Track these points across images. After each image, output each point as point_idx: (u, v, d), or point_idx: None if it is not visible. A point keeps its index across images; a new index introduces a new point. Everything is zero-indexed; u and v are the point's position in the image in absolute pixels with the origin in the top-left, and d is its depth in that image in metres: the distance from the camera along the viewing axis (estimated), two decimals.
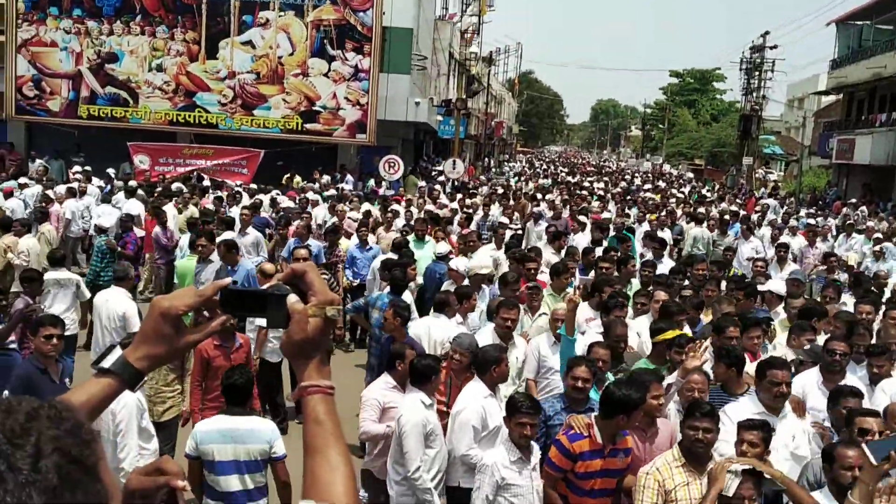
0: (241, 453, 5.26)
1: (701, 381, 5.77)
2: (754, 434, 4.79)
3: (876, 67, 35.49)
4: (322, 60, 25.40)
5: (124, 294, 8.48)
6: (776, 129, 64.30)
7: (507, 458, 5.16)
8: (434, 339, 7.74)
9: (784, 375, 5.55)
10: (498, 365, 5.96)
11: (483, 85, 51.06)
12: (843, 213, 25.98)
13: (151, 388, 6.92)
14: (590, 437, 5.15)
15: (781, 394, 5.52)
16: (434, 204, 18.64)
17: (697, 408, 4.97)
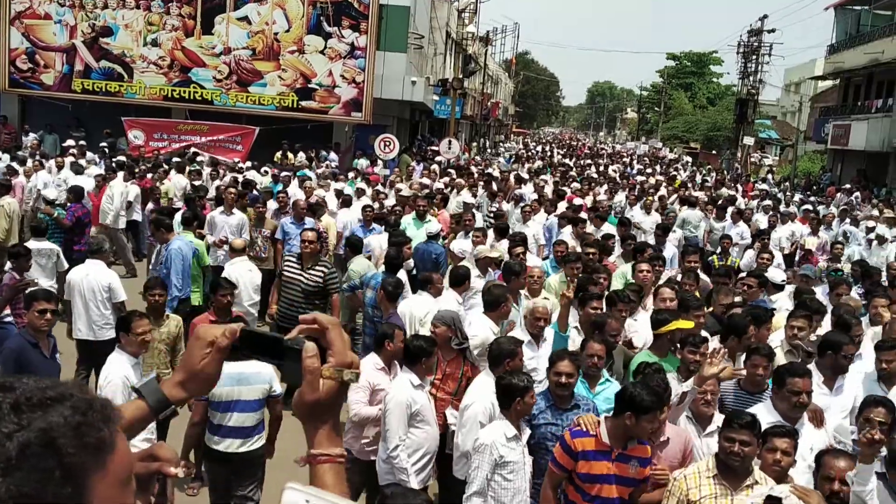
0: (245, 393, 5.92)
1: (712, 388, 5.44)
2: (787, 442, 4.48)
3: (873, 53, 35.45)
4: (318, 37, 25.25)
5: (103, 266, 8.50)
6: (772, 114, 64.33)
7: (504, 436, 5.12)
8: (415, 317, 7.76)
9: (805, 384, 5.21)
10: (512, 359, 5.74)
11: (480, 65, 50.84)
12: (838, 199, 26.07)
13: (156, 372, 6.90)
14: (596, 437, 4.79)
15: (801, 403, 5.18)
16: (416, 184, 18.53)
17: (736, 417, 4.55)
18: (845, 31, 41.32)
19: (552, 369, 5.41)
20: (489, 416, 5.56)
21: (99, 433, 1.10)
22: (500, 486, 5.07)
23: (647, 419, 4.69)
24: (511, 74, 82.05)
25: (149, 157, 20.15)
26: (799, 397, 5.15)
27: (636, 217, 15.45)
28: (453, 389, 6.45)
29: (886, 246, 14.14)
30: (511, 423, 5.14)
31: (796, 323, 7.00)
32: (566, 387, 5.37)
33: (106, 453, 1.11)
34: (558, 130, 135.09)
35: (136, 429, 1.59)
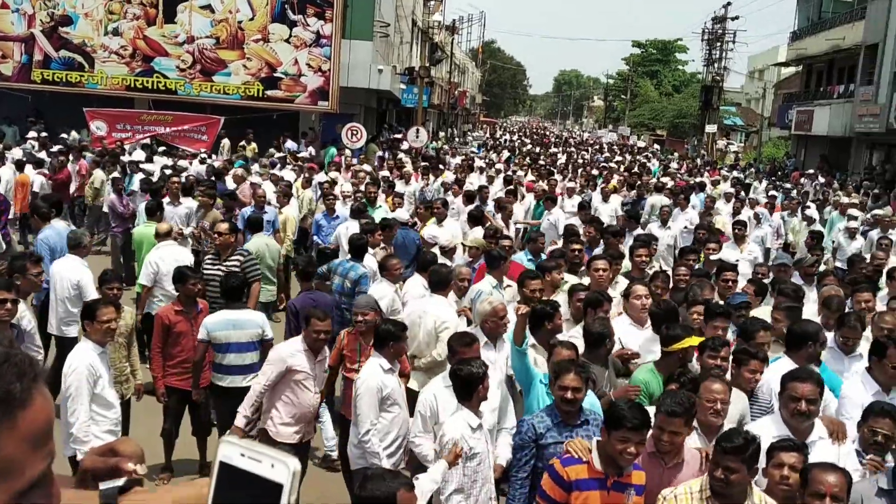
0: (241, 336, 6.82)
1: (722, 392, 4.82)
2: (795, 457, 4.05)
3: (835, 39, 35.90)
4: (283, 26, 25.02)
5: (79, 262, 8.33)
6: (737, 101, 65.02)
7: (468, 427, 5.02)
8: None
9: (806, 390, 4.67)
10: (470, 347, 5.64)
11: (446, 53, 50.76)
12: (801, 184, 26.39)
13: (115, 367, 6.77)
14: (588, 463, 4.31)
15: (799, 412, 4.66)
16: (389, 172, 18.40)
17: (726, 439, 4.04)
18: (807, 17, 41.79)
19: (557, 383, 4.90)
20: (431, 410, 5.43)
21: (9, 385, 1.08)
22: (469, 478, 4.99)
23: (618, 436, 4.18)
24: (478, 63, 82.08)
25: (111, 147, 19.83)
26: (798, 404, 4.65)
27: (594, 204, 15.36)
28: None
29: (858, 237, 13.77)
30: (473, 413, 5.06)
31: (777, 315, 6.75)
32: (573, 402, 4.87)
33: (15, 407, 1.09)
34: (526, 119, 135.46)
35: None
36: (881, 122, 30.03)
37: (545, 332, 6.22)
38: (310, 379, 6.19)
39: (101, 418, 5.86)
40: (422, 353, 7.01)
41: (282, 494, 1.21)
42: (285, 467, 1.22)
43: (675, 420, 4.36)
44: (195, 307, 7.22)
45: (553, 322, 6.28)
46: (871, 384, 5.46)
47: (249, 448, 1.24)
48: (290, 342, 6.41)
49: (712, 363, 5.42)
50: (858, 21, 33.86)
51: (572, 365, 4.99)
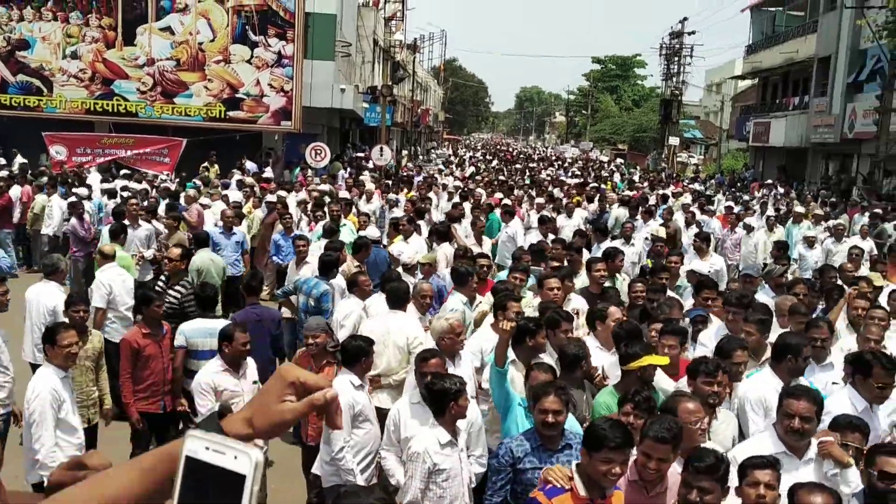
0: (216, 344, 6.67)
1: (700, 411, 4.62)
2: (769, 474, 3.90)
3: (788, 52, 36.70)
4: (244, 47, 24.99)
5: (55, 287, 8.24)
6: (695, 114, 65.93)
7: (437, 443, 4.92)
8: (336, 319, 7.89)
9: (801, 407, 4.50)
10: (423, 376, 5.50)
11: (408, 72, 50.96)
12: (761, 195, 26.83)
13: (82, 391, 6.70)
14: (572, 490, 4.07)
15: (793, 429, 4.50)
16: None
17: (697, 459, 3.92)
18: (761, 31, 42.68)
19: (536, 406, 4.70)
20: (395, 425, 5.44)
21: None
22: (435, 493, 4.92)
23: (601, 458, 3.97)
24: (440, 81, 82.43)
25: (71, 171, 19.59)
26: (791, 421, 4.50)
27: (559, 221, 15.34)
28: None
29: (816, 247, 13.84)
30: (445, 430, 4.97)
31: (747, 328, 6.64)
32: (554, 426, 4.66)
33: None
34: (489, 136, 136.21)
35: None
36: (835, 132, 30.71)
37: (526, 348, 6.04)
38: (237, 396, 6.21)
39: (64, 443, 5.79)
40: (391, 371, 6.93)
41: (245, 485, 1.24)
42: (248, 458, 1.24)
43: (664, 447, 4.11)
44: (161, 329, 7.18)
45: (535, 339, 6.06)
46: (858, 400, 5.33)
47: (214, 441, 1.27)
48: (207, 366, 6.44)
49: (709, 389, 5.07)
50: (811, 34, 34.67)
51: (552, 387, 4.77)
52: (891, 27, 20.51)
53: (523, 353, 6.01)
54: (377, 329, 7.09)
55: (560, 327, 6.40)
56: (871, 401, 5.31)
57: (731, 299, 7.38)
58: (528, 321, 6.21)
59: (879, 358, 5.45)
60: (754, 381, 5.68)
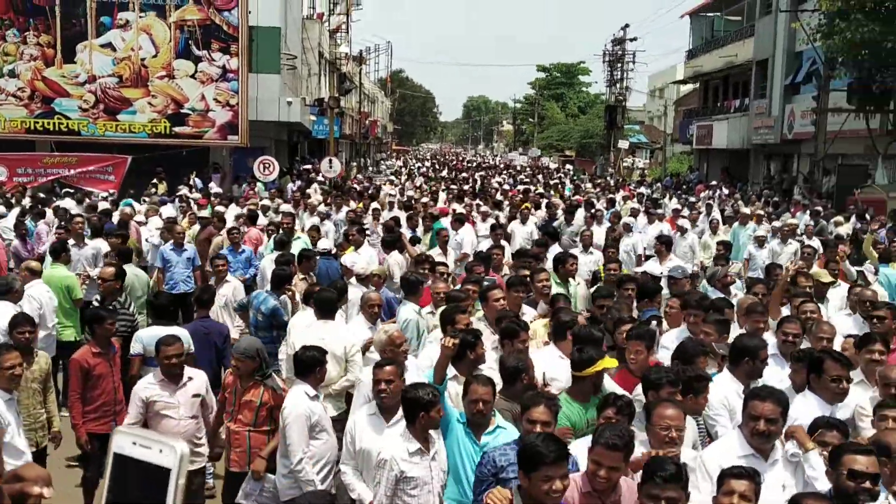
0: None
1: (677, 418, 4.48)
2: (745, 484, 3.79)
3: (728, 56, 37.54)
4: (188, 62, 24.72)
5: (11, 308, 8.02)
6: (640, 119, 66.99)
7: (405, 451, 4.87)
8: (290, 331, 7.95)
9: (766, 409, 4.41)
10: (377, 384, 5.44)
11: (355, 84, 50.90)
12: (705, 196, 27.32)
13: (30, 414, 6.55)
14: None
15: (759, 432, 4.42)
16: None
17: (659, 468, 3.79)
18: (701, 36, 43.59)
19: (525, 416, 4.58)
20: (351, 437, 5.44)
21: None
22: (403, 502, 4.88)
23: (539, 476, 3.75)
24: (387, 92, 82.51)
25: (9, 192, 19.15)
26: (757, 424, 4.41)
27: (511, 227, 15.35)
28: (250, 420, 6.19)
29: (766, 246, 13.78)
30: (415, 438, 4.90)
31: (705, 328, 6.59)
32: None
33: None
34: (437, 146, 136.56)
35: None
36: (776, 133, 31.47)
37: (468, 362, 5.84)
38: (170, 408, 6.19)
39: (10, 468, 5.65)
40: (331, 381, 6.83)
41: (170, 478, 1.25)
42: (173, 451, 1.26)
43: (615, 454, 3.99)
44: (112, 348, 7.08)
45: (475, 351, 5.88)
46: (821, 402, 5.18)
47: (140, 436, 1.28)
48: (145, 377, 6.49)
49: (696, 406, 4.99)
50: (748, 38, 35.51)
51: (541, 398, 4.63)
52: (824, 30, 21.08)
53: (464, 367, 5.83)
54: (312, 340, 7.00)
55: (518, 337, 6.16)
56: (829, 400, 5.13)
57: (692, 301, 7.29)
58: (468, 333, 6.00)
59: (830, 352, 5.39)
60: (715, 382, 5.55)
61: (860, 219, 17.46)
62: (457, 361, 5.78)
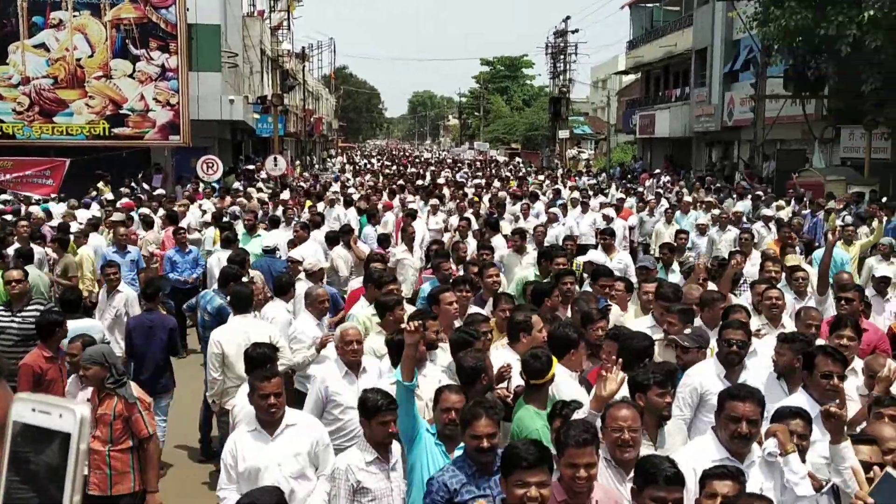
0: None
1: (631, 419, 4.18)
2: (729, 485, 3.60)
3: (668, 46, 38.09)
4: (125, 61, 24.23)
5: None
6: (584, 111, 67.62)
7: (362, 460, 4.68)
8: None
9: (747, 410, 4.16)
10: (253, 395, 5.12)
11: (298, 81, 50.46)
12: (650, 185, 27.72)
13: None
14: None
15: (740, 434, 4.15)
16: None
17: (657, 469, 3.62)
18: (641, 27, 44.15)
19: (468, 431, 4.26)
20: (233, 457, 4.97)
21: None
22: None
23: (515, 480, 3.58)
24: (331, 89, 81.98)
25: None
26: (738, 426, 4.14)
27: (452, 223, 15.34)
28: (107, 436, 5.61)
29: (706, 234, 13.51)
30: (371, 447, 4.71)
31: (669, 318, 6.43)
32: (489, 450, 4.20)
33: None
34: (384, 142, 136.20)
35: None
36: (716, 121, 32.05)
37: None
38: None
39: None
40: None
41: (71, 443, 1.23)
42: (72, 415, 1.24)
43: (588, 449, 3.79)
44: (61, 352, 6.96)
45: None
46: (812, 404, 4.80)
47: (39, 402, 1.26)
48: (72, 378, 6.46)
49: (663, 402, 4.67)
50: (687, 28, 36.08)
51: (481, 408, 4.28)
52: (759, 18, 21.50)
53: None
54: (236, 336, 7.02)
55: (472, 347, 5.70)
56: (820, 397, 4.80)
57: (668, 294, 7.07)
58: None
59: (823, 348, 5.14)
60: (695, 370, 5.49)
61: (798, 202, 17.89)
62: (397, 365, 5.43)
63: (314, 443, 5.02)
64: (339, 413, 5.85)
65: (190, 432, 8.54)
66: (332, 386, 5.88)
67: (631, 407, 4.26)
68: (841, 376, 4.93)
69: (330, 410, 5.86)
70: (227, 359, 7.04)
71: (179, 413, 8.56)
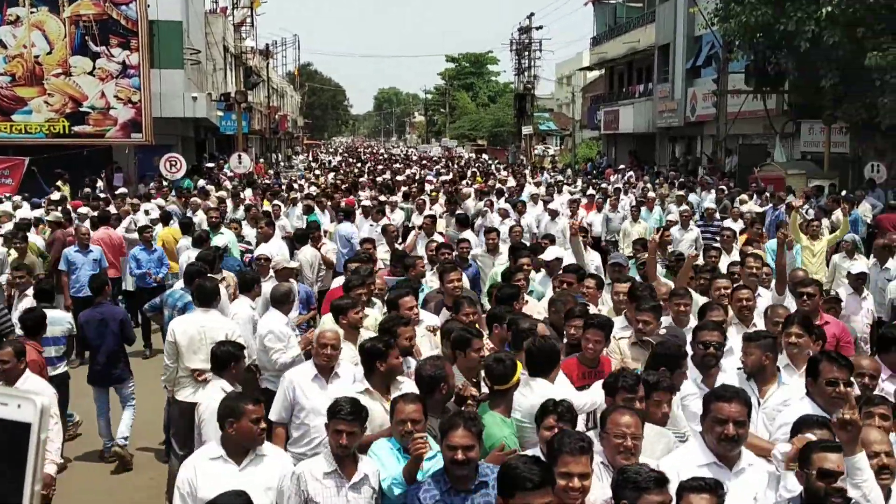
0: (55, 331, 7.95)
1: (634, 426, 4.07)
2: (706, 499, 3.44)
3: (631, 42, 38.35)
4: (85, 58, 23.83)
5: None
6: (549, 107, 67.92)
7: (320, 471, 4.33)
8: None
9: (733, 411, 4.03)
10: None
11: (262, 78, 50.08)
12: (613, 179, 27.92)
13: None
14: None
15: (727, 437, 4.02)
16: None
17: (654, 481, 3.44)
18: (605, 23, 44.42)
19: (444, 441, 4.08)
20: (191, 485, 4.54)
21: None
22: None
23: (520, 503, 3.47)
24: (296, 86, 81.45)
25: None
26: (724, 428, 4.02)
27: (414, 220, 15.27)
28: None
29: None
30: (333, 457, 4.39)
31: (643, 317, 6.18)
32: (466, 463, 4.02)
33: None
34: (350, 139, 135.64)
35: None
36: (679, 116, 32.35)
37: (377, 375, 5.26)
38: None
39: None
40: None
41: (31, 433, 1.21)
42: (32, 405, 1.22)
43: (583, 458, 3.69)
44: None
45: (387, 362, 5.23)
46: (818, 412, 4.59)
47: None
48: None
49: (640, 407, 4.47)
50: (650, 24, 36.37)
51: (459, 418, 4.09)
52: (721, 14, 21.72)
53: (377, 380, 5.26)
54: (191, 328, 7.11)
55: (471, 346, 5.46)
56: (825, 406, 4.60)
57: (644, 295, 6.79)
58: (377, 341, 5.37)
59: (827, 353, 4.98)
60: None
61: (760, 196, 18.12)
62: (368, 374, 5.30)
63: (283, 477, 4.52)
64: (305, 417, 5.58)
65: (154, 432, 8.47)
66: (299, 388, 5.64)
67: (634, 413, 4.13)
68: (847, 382, 4.71)
69: (296, 414, 5.64)
70: (180, 348, 7.09)
71: (144, 413, 8.51)
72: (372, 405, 4.88)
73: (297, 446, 5.49)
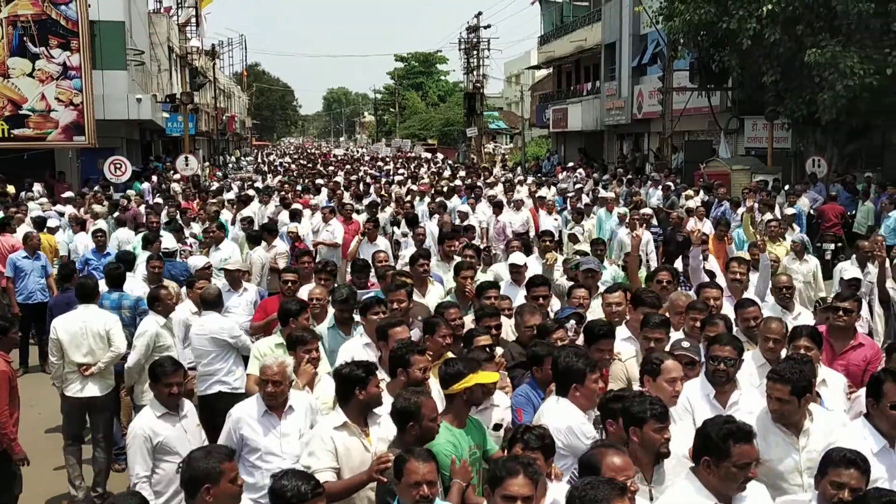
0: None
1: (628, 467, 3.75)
2: None
3: (578, 41, 38.68)
4: (24, 60, 23.26)
5: None
6: (498, 105, 68.20)
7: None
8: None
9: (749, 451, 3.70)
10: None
11: (209, 79, 49.44)
12: (562, 177, 28.12)
13: None
14: None
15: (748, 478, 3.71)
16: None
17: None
18: (552, 22, 44.73)
19: (497, 491, 3.65)
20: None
21: None
22: None
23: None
24: (244, 87, 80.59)
25: None
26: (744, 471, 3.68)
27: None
28: None
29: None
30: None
31: (654, 335, 5.79)
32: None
33: None
34: (299, 140, 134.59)
35: None
36: (626, 113, 32.73)
37: (355, 404, 4.66)
38: None
39: None
40: (97, 358, 7.30)
41: None
42: None
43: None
44: None
45: (367, 390, 4.64)
46: (876, 437, 4.26)
47: None
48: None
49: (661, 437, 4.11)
50: (596, 23, 36.71)
51: (518, 464, 3.53)
52: (665, 12, 22.01)
53: (353, 411, 4.65)
54: (73, 324, 7.38)
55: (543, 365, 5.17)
56: (886, 430, 4.24)
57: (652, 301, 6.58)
58: (357, 366, 4.72)
59: (891, 372, 4.45)
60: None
61: (707, 192, 18.40)
62: (343, 403, 4.69)
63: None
64: (256, 460, 5.00)
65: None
66: (248, 427, 5.05)
67: (623, 454, 3.75)
68: None
69: (245, 457, 4.98)
70: (62, 345, 7.32)
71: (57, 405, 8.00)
72: (349, 442, 4.49)
73: (250, 492, 4.61)
